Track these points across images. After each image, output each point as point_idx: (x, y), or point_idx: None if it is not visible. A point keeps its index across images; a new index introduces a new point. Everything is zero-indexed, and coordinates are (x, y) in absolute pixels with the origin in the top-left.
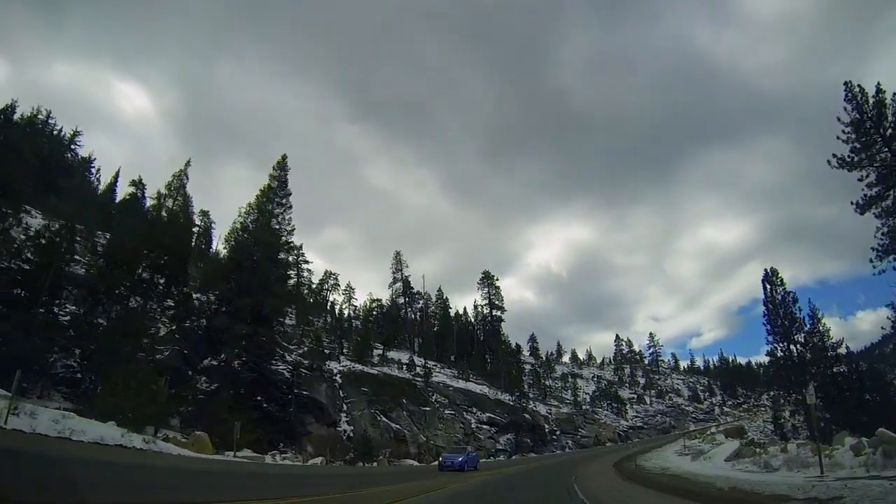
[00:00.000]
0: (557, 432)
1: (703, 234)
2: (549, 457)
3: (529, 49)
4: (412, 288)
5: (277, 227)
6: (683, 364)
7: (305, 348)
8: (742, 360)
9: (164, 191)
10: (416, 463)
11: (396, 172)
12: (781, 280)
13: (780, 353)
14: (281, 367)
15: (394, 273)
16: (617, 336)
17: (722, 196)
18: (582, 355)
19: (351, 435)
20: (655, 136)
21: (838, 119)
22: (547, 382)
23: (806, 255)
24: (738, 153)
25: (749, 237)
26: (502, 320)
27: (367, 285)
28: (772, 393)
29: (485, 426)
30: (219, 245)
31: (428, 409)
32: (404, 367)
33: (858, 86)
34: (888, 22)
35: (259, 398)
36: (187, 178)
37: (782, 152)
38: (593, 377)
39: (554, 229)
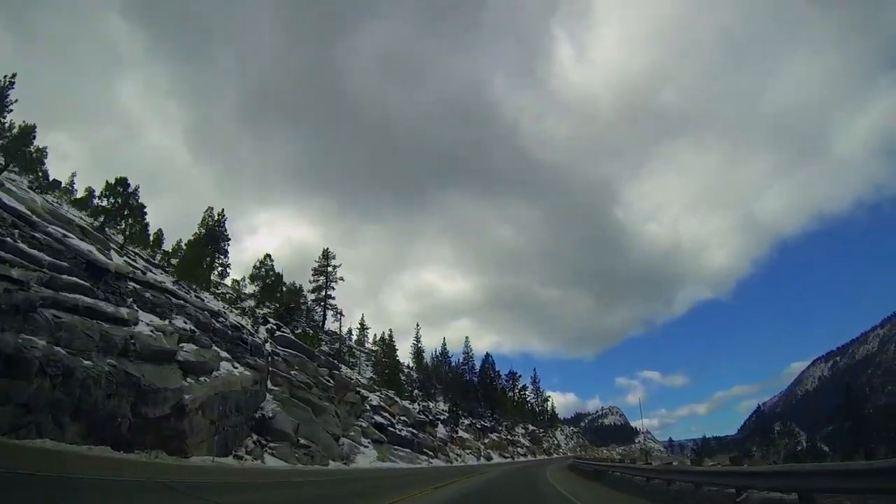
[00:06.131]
0: None
1: (427, 276)
2: None
3: (331, 15)
4: None
5: None
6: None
7: None
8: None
9: None
10: None
11: (146, 97)
12: None
13: None
14: None
15: None
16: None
17: (458, 245)
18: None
19: None
20: (415, 160)
21: None
22: None
23: (517, 326)
24: (489, 208)
25: (469, 295)
26: None
27: None
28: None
29: None
30: None
31: None
32: None
33: None
34: (662, 148)
35: None
36: None
37: (531, 223)
38: None
39: (283, 221)
